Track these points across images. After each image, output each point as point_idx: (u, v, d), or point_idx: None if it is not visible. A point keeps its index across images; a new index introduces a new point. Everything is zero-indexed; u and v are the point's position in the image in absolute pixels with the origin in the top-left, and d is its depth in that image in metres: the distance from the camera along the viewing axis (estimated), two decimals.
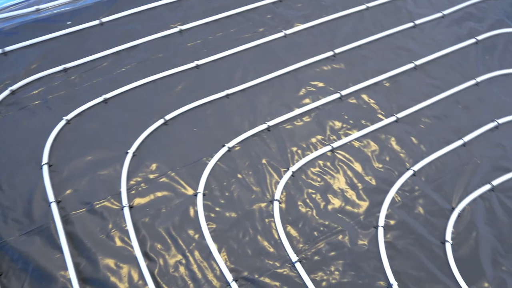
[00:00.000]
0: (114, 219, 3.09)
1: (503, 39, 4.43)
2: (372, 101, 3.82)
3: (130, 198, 3.18)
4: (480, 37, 4.39)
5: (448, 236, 3.21)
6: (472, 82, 4.06)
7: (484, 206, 3.37)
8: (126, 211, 3.10)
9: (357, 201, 3.31)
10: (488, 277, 3.09)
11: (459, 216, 3.31)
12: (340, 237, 3.15)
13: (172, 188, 3.25)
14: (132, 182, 3.25)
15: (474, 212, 3.34)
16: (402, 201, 3.33)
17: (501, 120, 3.82)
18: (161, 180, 3.28)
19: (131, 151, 3.35)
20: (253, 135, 3.53)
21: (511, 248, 3.22)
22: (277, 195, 3.25)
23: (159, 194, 3.22)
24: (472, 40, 4.38)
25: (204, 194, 3.23)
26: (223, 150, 3.42)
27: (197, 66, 3.88)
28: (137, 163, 3.34)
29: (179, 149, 3.42)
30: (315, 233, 3.15)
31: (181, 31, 4.09)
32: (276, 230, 3.13)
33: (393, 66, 4.05)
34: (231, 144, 3.46)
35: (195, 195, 3.22)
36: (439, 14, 4.54)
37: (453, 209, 3.33)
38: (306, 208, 3.24)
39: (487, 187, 3.46)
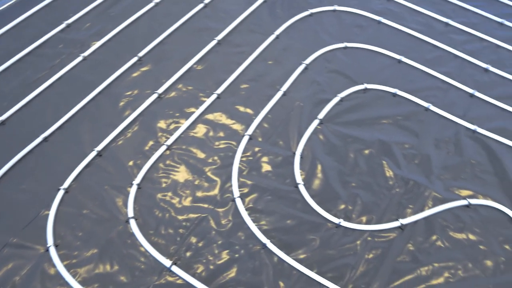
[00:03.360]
0: None
1: None
2: (190, 87, 3.89)
3: None
4: None
5: (299, 179, 3.41)
6: (273, 37, 4.31)
7: (319, 140, 3.64)
8: None
9: (207, 184, 3.36)
10: (343, 198, 3.36)
11: (301, 157, 3.53)
12: (204, 224, 3.18)
13: (19, 255, 3.01)
14: None
15: (313, 149, 3.59)
16: (249, 167, 3.46)
17: (307, 61, 4.13)
18: (5, 252, 3.02)
19: None
20: (86, 166, 3.39)
21: (352, 165, 3.52)
22: (130, 213, 3.18)
23: (7, 266, 2.96)
24: (260, 0, 4.63)
25: (56, 245, 3.04)
26: (60, 194, 3.25)
27: (3, 122, 3.60)
28: None
29: (12, 213, 3.18)
30: (180, 230, 3.15)
31: None
32: (142, 245, 3.06)
33: (198, 49, 4.15)
34: (66, 184, 3.28)
35: (47, 250, 3.02)
36: None
37: (294, 153, 3.53)
38: (163, 212, 3.22)
39: (316, 122, 3.72)
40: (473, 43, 4.55)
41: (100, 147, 3.47)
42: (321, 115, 3.77)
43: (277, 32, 4.35)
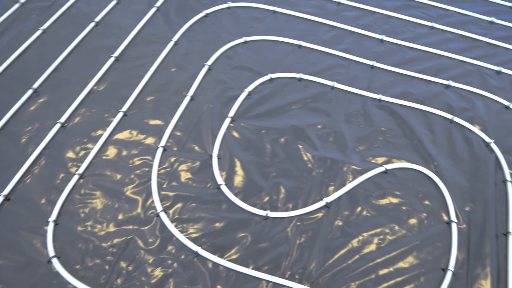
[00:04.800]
0: None
1: None
2: (93, 110, 3.75)
3: None
4: (157, 4, 4.58)
5: (220, 180, 3.39)
6: (171, 44, 4.25)
7: (233, 137, 3.64)
8: None
9: (128, 205, 3.26)
10: (266, 189, 3.38)
11: (219, 158, 3.51)
12: (132, 245, 3.09)
13: None
14: None
15: (229, 147, 3.58)
16: (168, 178, 3.40)
17: (210, 62, 4.12)
18: None
19: None
20: None
21: (270, 155, 3.56)
22: (51, 252, 3.02)
23: None
24: (153, 9, 4.55)
25: None
26: None
27: None
28: None
29: None
30: (108, 258, 3.04)
31: None
32: (69, 283, 2.92)
33: (97, 69, 4.01)
34: None
35: None
36: (114, 2, 4.59)
37: (211, 156, 3.51)
38: (86, 244, 3.09)
39: (227, 120, 3.72)
40: (365, 17, 4.74)
41: (6, 190, 3.27)
42: (232, 113, 3.77)
43: (175, 38, 4.30)
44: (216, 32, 4.41)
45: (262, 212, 3.25)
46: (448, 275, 3.13)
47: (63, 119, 3.66)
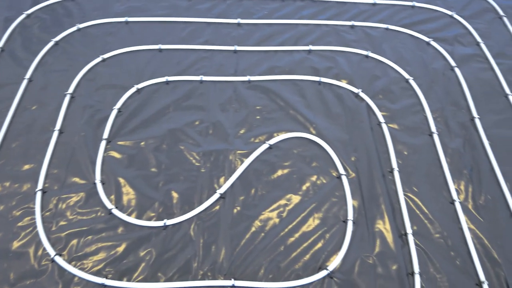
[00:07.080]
0: None
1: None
2: None
3: None
4: (0, 45, 4.30)
5: (110, 205, 3.30)
6: (25, 82, 4.03)
7: (113, 159, 3.55)
8: None
9: (19, 261, 3.09)
10: (158, 199, 3.35)
11: (103, 183, 3.41)
12: None
13: None
14: None
15: (111, 169, 3.49)
16: (55, 220, 3.25)
17: (70, 89, 3.95)
18: None
19: None
20: None
21: (155, 165, 3.52)
22: None
23: None
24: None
25: None
26: None
27: None
28: None
29: None
30: None
31: None
32: None
33: None
34: None
35: None
36: None
37: (95, 184, 3.39)
38: None
39: (103, 143, 3.61)
40: (218, 6, 4.80)
41: None
42: (106, 135, 3.67)
43: (28, 75, 4.07)
44: (71, 57, 4.24)
45: (160, 223, 3.21)
46: (350, 225, 3.31)
47: None
